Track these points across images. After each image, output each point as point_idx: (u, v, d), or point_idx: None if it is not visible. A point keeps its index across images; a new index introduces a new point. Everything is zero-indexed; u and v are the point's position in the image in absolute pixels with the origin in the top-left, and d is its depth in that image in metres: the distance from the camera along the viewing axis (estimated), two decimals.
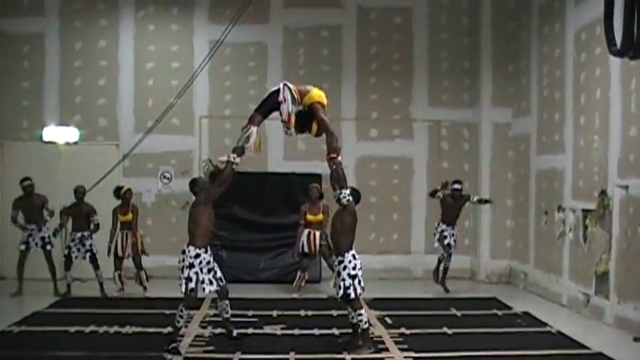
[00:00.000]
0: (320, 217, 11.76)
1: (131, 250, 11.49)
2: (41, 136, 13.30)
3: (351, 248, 8.10)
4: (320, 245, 11.75)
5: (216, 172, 13.37)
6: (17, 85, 13.45)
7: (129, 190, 11.71)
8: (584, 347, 8.47)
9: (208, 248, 8.15)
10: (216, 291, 8.23)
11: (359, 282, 8.01)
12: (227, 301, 8.38)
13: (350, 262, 7.99)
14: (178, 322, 7.96)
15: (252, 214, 13.31)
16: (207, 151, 13.68)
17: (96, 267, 11.49)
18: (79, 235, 11.43)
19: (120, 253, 11.51)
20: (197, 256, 7.96)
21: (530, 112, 12.76)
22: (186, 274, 7.87)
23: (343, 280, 7.95)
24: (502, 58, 13.53)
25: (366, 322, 8.02)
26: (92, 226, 11.50)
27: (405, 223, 14.01)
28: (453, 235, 12.27)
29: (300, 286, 11.79)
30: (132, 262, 11.61)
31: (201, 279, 7.94)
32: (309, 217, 11.73)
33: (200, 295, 8.19)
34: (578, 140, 10.85)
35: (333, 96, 13.83)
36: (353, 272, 7.97)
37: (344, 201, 8.04)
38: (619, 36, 8.04)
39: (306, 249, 11.74)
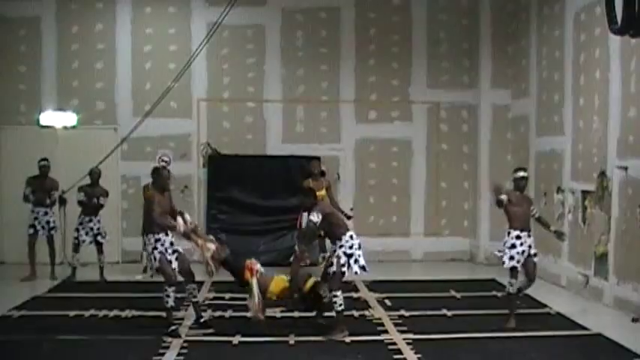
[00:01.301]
0: (323, 192, 11.64)
1: None
2: (39, 121, 13.26)
3: (347, 230, 8.12)
4: None
5: (214, 154, 13.45)
6: (14, 69, 13.38)
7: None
8: (583, 328, 8.50)
9: (169, 232, 8.32)
10: (180, 272, 8.37)
11: (355, 261, 8.01)
12: (194, 285, 8.46)
13: (347, 241, 8.01)
14: (167, 302, 8.16)
15: (251, 197, 13.31)
16: (205, 134, 13.65)
17: (100, 251, 11.48)
18: (87, 219, 11.40)
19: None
20: (157, 240, 8.22)
21: (529, 93, 12.72)
22: (152, 256, 8.20)
23: (338, 257, 7.98)
24: (501, 39, 13.47)
25: (340, 305, 8.00)
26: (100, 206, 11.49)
27: (405, 205, 14.00)
28: (530, 245, 8.83)
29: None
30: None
31: (168, 259, 8.21)
32: (317, 192, 11.61)
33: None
34: (577, 121, 10.82)
35: (332, 78, 13.85)
36: (349, 251, 7.99)
37: (314, 219, 8.01)
38: (619, 14, 7.99)
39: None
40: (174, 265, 8.27)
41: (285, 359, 7.36)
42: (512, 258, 8.67)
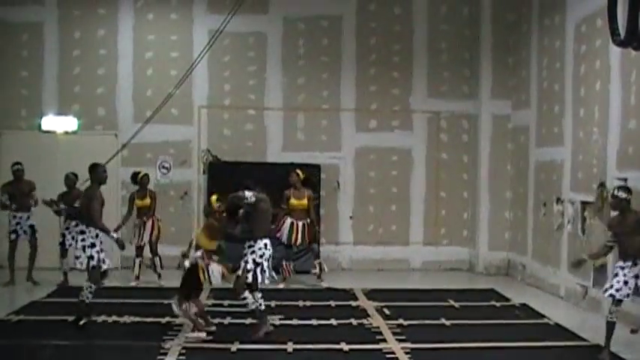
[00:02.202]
0: (304, 202, 11.65)
1: (149, 237, 11.50)
2: (40, 126, 13.27)
3: (265, 236, 8.21)
4: (309, 235, 11.71)
5: (215, 161, 13.47)
6: (16, 74, 13.40)
7: (146, 175, 11.79)
8: (582, 339, 8.50)
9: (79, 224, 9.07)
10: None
11: (262, 270, 8.12)
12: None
13: (260, 249, 8.10)
14: (88, 297, 8.60)
15: None
16: (205, 141, 13.67)
17: (63, 255, 11.43)
18: (73, 223, 11.37)
19: (137, 242, 11.57)
20: (97, 235, 8.68)
21: (529, 104, 12.74)
22: (88, 253, 8.57)
23: (246, 262, 8.07)
24: (502, 49, 13.50)
25: (252, 303, 8.13)
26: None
27: (404, 214, 14.00)
28: (630, 279, 7.71)
29: (286, 277, 11.72)
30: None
31: (102, 258, 8.70)
32: (294, 201, 11.62)
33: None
34: (577, 132, 10.84)
35: (333, 86, 13.88)
36: (259, 260, 8.09)
37: (251, 201, 8.19)
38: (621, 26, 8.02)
39: (285, 239, 11.61)
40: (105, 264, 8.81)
41: None
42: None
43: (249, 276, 8.09)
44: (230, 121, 13.78)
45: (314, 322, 9.07)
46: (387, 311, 9.79)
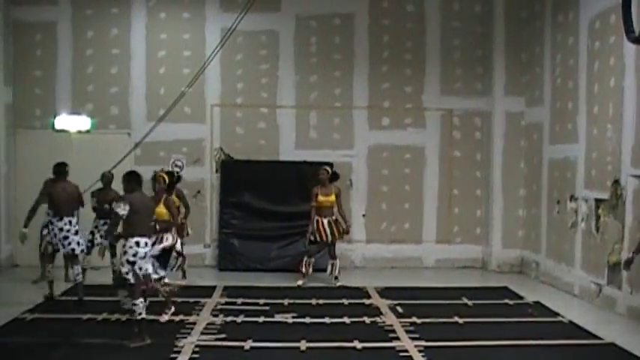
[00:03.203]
0: (332, 198, 11.68)
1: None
2: (53, 125, 13.33)
3: (141, 235, 8.06)
4: (338, 232, 11.74)
5: (227, 160, 13.50)
6: (30, 73, 13.47)
7: (170, 172, 11.72)
8: (596, 337, 8.46)
9: (64, 217, 9.74)
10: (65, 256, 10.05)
11: (140, 268, 8.00)
12: (78, 267, 9.89)
13: (131, 248, 7.97)
14: (47, 276, 9.91)
15: (263, 202, 13.34)
16: (218, 139, 13.70)
17: (113, 254, 11.46)
18: (102, 222, 11.37)
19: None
20: (51, 222, 9.79)
21: (543, 101, 12.69)
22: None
23: (122, 264, 8.01)
24: (515, 46, 13.45)
25: (140, 313, 7.93)
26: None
27: (417, 212, 13.98)
28: None
29: (306, 274, 11.74)
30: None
31: (54, 242, 9.73)
32: (321, 197, 11.63)
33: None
34: (591, 129, 10.78)
35: (345, 84, 13.87)
36: (132, 259, 7.97)
37: (120, 211, 7.93)
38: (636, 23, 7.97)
39: (313, 237, 11.70)
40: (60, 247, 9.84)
41: None
42: None
43: (129, 277, 7.98)
44: (243, 120, 13.80)
45: (327, 320, 9.08)
46: (400, 309, 9.79)
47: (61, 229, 9.81)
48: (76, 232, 9.93)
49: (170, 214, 9.22)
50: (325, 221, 11.67)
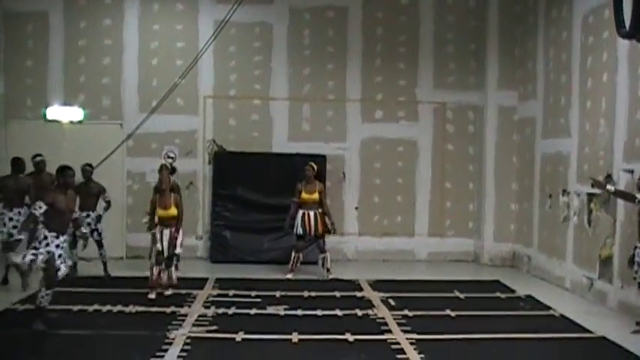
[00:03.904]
0: (315, 195, 11.67)
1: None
2: (45, 115, 13.27)
3: (60, 231, 8.09)
4: (323, 226, 11.73)
5: (220, 152, 13.46)
6: (21, 63, 13.39)
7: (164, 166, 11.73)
8: (587, 331, 8.48)
9: (14, 208, 10.35)
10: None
11: (63, 262, 8.04)
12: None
13: (52, 240, 7.99)
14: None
15: (256, 194, 13.32)
16: (211, 131, 13.67)
17: (100, 246, 11.47)
18: (84, 214, 11.37)
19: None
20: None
21: (536, 95, 12.70)
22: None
23: (41, 253, 7.95)
24: (508, 41, 13.46)
25: (43, 303, 7.97)
26: (105, 204, 11.46)
27: (409, 205, 13.99)
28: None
29: (294, 269, 11.74)
30: None
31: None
32: (305, 195, 11.64)
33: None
34: (584, 124, 10.80)
35: (338, 77, 13.85)
36: (58, 251, 7.99)
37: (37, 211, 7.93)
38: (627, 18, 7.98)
39: (300, 231, 11.66)
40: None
41: (288, 357, 7.36)
42: None
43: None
44: (235, 112, 13.77)
45: (319, 312, 9.08)
46: (392, 302, 9.79)
47: (10, 219, 10.51)
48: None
49: (179, 213, 9.97)
50: (312, 214, 11.65)
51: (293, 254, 11.74)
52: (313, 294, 10.23)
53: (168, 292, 9.92)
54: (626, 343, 7.89)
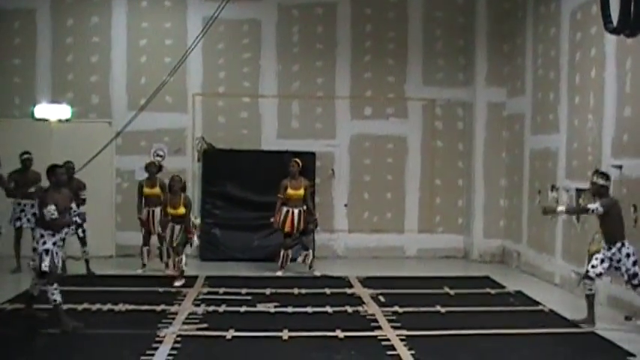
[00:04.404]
0: (300, 192, 11.64)
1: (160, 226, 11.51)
2: (33, 114, 13.19)
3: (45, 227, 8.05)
4: (304, 222, 11.71)
5: (209, 149, 13.44)
6: (8, 61, 13.32)
7: (152, 163, 11.72)
8: (577, 326, 8.51)
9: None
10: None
11: (52, 259, 7.96)
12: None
13: (42, 236, 7.98)
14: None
15: (245, 192, 13.30)
16: (200, 128, 13.64)
17: (84, 244, 11.44)
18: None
19: (151, 230, 11.60)
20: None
21: (524, 91, 12.73)
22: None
23: (40, 254, 7.95)
24: (497, 37, 13.48)
25: (54, 300, 7.94)
26: (80, 201, 11.43)
27: (399, 202, 14.01)
28: (606, 259, 8.44)
29: (284, 266, 11.75)
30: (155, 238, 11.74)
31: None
32: (290, 191, 11.59)
33: None
34: (572, 120, 10.84)
35: (328, 74, 13.84)
36: (43, 247, 7.95)
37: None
38: (615, 14, 7.99)
39: (287, 228, 11.65)
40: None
41: (279, 354, 7.35)
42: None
43: (44, 266, 7.95)
44: (224, 109, 13.74)
45: (309, 309, 9.07)
46: (382, 298, 9.80)
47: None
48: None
49: (186, 212, 10.78)
50: (296, 211, 11.63)
51: (282, 252, 11.74)
52: (303, 291, 10.22)
53: (179, 282, 10.46)
54: (615, 338, 7.93)
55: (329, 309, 9.10)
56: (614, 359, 7.42)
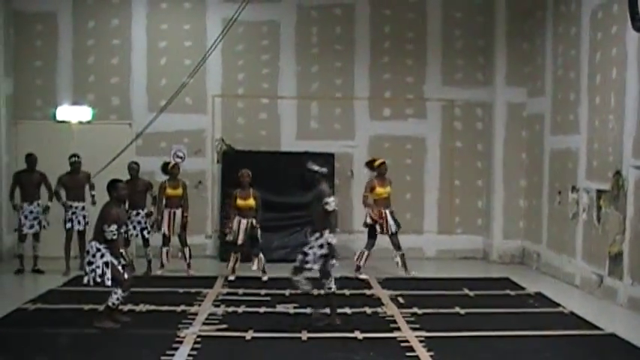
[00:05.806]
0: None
1: (180, 227, 11.56)
2: (54, 115, 13.33)
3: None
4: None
5: (229, 150, 13.49)
6: (30, 64, 13.45)
7: (176, 165, 11.78)
8: (597, 328, 8.47)
9: (34, 201, 11.49)
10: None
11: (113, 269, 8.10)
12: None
13: (98, 250, 8.09)
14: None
15: (264, 193, 13.19)
16: (219, 130, 13.69)
17: (146, 244, 11.58)
18: (134, 212, 11.46)
19: (166, 231, 11.57)
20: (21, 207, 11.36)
21: (544, 91, 12.67)
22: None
23: (101, 267, 8.08)
24: (517, 37, 13.41)
25: (113, 304, 8.17)
26: (151, 199, 11.66)
27: (418, 202, 13.98)
28: None
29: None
30: (177, 239, 11.74)
31: (28, 225, 11.48)
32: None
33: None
34: (592, 120, 10.77)
35: (346, 75, 13.85)
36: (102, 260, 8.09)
37: None
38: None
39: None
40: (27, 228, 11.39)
41: (298, 355, 7.38)
42: None
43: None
44: (244, 110, 13.79)
45: (328, 310, 9.07)
46: (401, 300, 9.80)
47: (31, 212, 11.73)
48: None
49: (256, 204, 11.25)
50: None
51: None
52: (322, 292, 10.20)
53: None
54: (636, 340, 7.87)
55: (348, 310, 9.11)
56: None
